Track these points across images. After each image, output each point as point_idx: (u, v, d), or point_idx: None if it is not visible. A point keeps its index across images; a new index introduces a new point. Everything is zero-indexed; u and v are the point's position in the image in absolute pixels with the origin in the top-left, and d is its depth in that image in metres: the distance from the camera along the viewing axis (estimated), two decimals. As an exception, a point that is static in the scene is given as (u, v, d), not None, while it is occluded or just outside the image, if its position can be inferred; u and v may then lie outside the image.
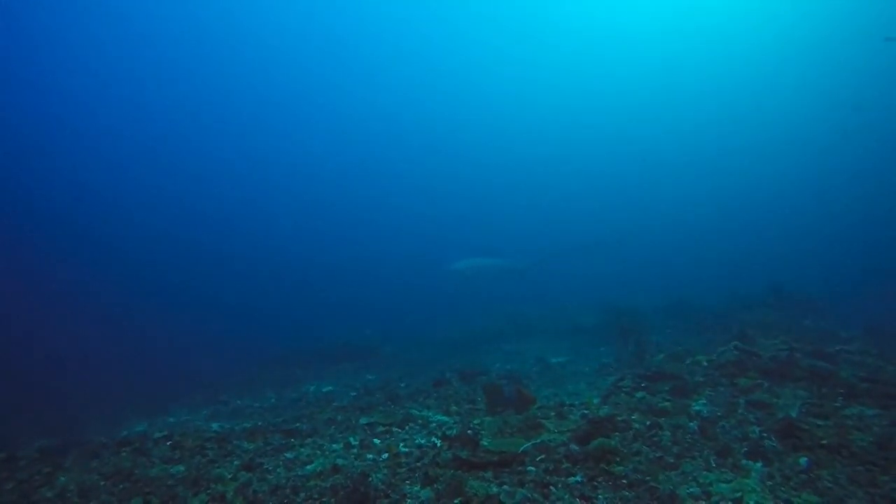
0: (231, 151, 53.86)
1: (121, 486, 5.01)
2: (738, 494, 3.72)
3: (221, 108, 53.54)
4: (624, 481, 4.03)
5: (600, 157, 54.42)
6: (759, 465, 4.20)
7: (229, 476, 4.99)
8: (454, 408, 7.10)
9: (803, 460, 4.16)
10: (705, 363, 7.17)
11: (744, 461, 4.29)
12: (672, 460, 4.39)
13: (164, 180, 49.16)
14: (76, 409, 11.43)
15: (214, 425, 8.09)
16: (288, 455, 5.60)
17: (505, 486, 4.05)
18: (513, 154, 56.39)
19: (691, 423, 5.14)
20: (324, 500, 4.25)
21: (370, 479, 4.39)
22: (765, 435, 4.67)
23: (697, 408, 5.57)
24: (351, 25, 52.27)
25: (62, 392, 13.06)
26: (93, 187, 45.17)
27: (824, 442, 4.33)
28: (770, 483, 3.90)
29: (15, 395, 12.57)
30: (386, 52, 55.01)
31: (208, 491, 4.66)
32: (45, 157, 44.96)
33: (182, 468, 5.37)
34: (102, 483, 5.11)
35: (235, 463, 5.45)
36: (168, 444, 6.32)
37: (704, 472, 4.15)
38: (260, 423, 7.53)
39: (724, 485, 3.90)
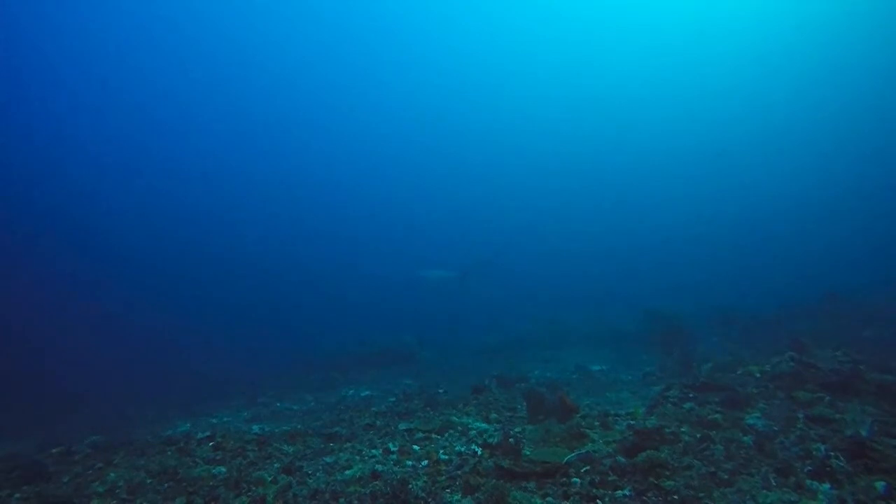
0: (260, 161, 55.27)
1: (166, 484, 5.12)
2: (804, 517, 3.46)
3: (255, 119, 55.14)
4: (675, 497, 3.82)
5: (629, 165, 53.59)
6: (826, 486, 3.89)
7: (269, 479, 5.02)
8: (494, 415, 6.96)
9: (881, 485, 3.77)
10: (758, 374, 6.79)
11: (808, 481, 3.99)
12: (726, 476, 4.14)
13: (201, 193, 50.75)
14: (125, 409, 11.89)
15: (255, 427, 8.22)
16: (327, 459, 5.60)
17: (549, 499, 3.91)
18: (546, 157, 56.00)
19: (745, 438, 4.85)
20: (363, 506, 4.20)
21: (410, 486, 4.32)
22: (831, 454, 4.33)
23: (751, 421, 5.25)
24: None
25: (112, 393, 13.62)
26: (127, 201, 46.77)
27: (902, 465, 3.96)
28: (839, 506, 3.61)
29: (70, 396, 13.21)
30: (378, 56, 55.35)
31: (249, 493, 4.69)
32: (92, 173, 46.89)
33: (224, 469, 5.44)
34: (149, 481, 5.24)
35: (276, 466, 5.49)
36: (210, 444, 6.43)
37: (763, 491, 3.88)
38: (299, 427, 7.60)
39: (786, 506, 3.64)
